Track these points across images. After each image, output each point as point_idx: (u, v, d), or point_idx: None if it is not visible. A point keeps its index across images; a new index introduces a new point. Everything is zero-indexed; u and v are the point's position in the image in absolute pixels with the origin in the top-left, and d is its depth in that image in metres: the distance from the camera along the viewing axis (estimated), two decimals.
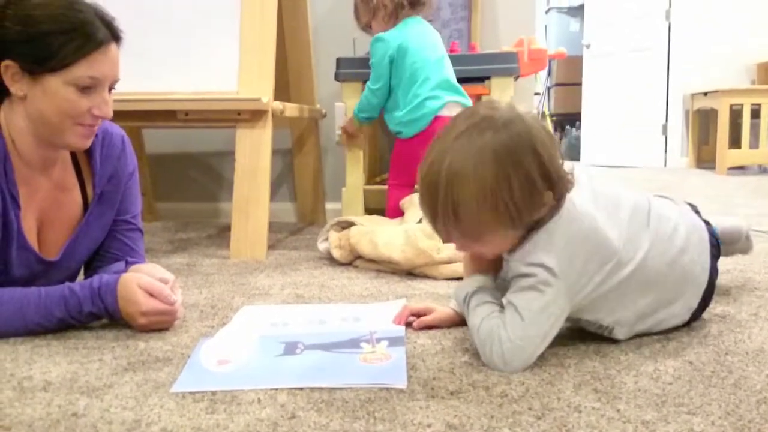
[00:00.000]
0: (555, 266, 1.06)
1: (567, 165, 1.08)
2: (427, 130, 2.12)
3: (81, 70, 1.23)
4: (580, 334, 1.20)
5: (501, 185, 1.01)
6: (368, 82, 2.25)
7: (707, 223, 1.28)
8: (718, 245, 1.27)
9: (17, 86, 1.24)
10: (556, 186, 1.05)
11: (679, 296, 1.20)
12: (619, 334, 1.17)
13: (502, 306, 1.13)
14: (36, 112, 1.25)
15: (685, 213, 1.27)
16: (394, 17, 2.21)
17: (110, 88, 1.30)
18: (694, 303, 1.22)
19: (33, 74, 1.23)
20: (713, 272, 1.23)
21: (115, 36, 1.28)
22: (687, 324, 1.25)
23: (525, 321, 1.06)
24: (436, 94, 2.16)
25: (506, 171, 1.01)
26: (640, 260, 1.12)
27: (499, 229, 1.06)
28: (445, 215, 1.04)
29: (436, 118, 2.13)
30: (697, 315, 1.25)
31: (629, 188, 1.28)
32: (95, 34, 1.23)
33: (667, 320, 1.20)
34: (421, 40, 2.19)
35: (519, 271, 1.09)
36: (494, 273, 1.20)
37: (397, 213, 2.16)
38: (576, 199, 1.09)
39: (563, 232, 1.07)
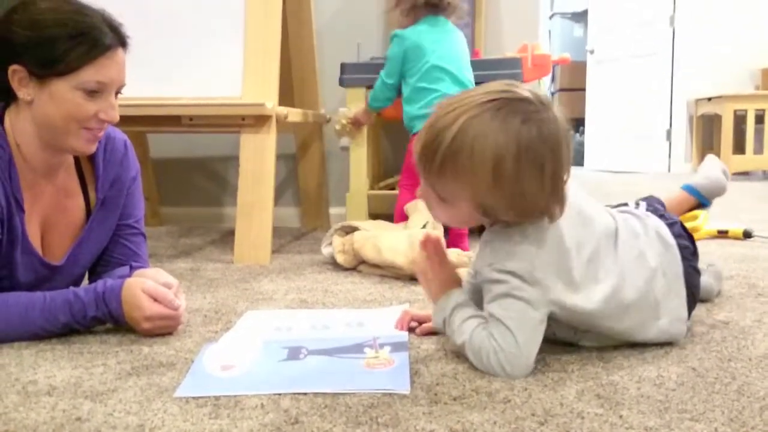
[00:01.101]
0: (525, 274, 1.05)
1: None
2: None
3: (88, 75, 1.24)
4: None
5: (507, 169, 0.99)
6: (383, 73, 2.26)
7: (674, 223, 1.26)
8: (691, 239, 1.25)
9: (24, 91, 1.25)
10: (551, 204, 1.03)
11: (661, 310, 1.16)
12: (593, 340, 1.16)
13: (483, 317, 1.12)
14: (42, 116, 1.26)
15: (650, 225, 1.23)
16: (413, 15, 2.22)
17: (116, 93, 1.31)
18: (684, 313, 1.20)
19: (40, 78, 1.23)
20: (689, 274, 1.21)
21: (121, 41, 1.29)
22: None
23: (510, 329, 1.05)
24: (451, 92, 2.17)
25: (519, 162, 0.99)
26: (609, 290, 1.10)
27: (469, 203, 1.05)
28: (442, 158, 1.03)
29: None
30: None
31: (628, 194, 1.27)
32: (102, 39, 1.24)
33: (659, 336, 1.17)
34: (438, 39, 2.18)
35: (489, 277, 1.08)
36: (458, 287, 1.20)
37: (404, 216, 2.16)
38: (563, 227, 1.07)
39: (538, 245, 1.05)
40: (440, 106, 1.06)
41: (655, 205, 1.34)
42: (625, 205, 1.35)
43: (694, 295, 1.24)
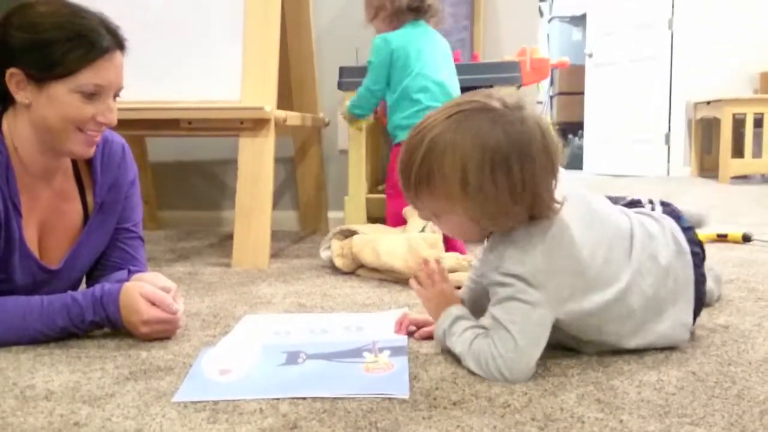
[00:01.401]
0: (530, 278, 1.04)
1: (559, 192, 1.05)
2: None
3: (86, 77, 1.23)
4: None
5: (472, 178, 1.00)
6: (366, 81, 2.20)
7: (689, 228, 1.24)
8: (701, 247, 1.23)
9: (22, 94, 1.25)
10: (532, 206, 1.03)
11: (665, 313, 1.16)
12: (593, 348, 1.16)
13: (484, 327, 1.13)
14: (40, 119, 1.26)
15: (667, 228, 1.21)
16: (395, 20, 2.18)
17: (115, 96, 1.31)
18: (689, 319, 1.19)
19: (38, 82, 1.23)
20: (698, 281, 1.20)
21: (119, 44, 1.29)
22: None
23: (512, 333, 1.05)
24: (436, 104, 2.15)
25: (483, 168, 0.99)
26: (621, 291, 1.10)
27: (458, 216, 1.06)
28: (416, 180, 1.05)
29: None
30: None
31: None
32: (100, 42, 1.24)
33: (659, 341, 1.17)
34: (423, 46, 2.16)
35: (494, 280, 1.08)
36: (458, 303, 1.21)
37: (397, 221, 2.15)
38: (567, 218, 1.07)
39: (543, 248, 1.05)
40: (413, 128, 1.08)
41: (672, 207, 1.31)
42: (639, 203, 1.33)
43: (702, 301, 1.22)
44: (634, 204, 1.32)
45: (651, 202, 1.33)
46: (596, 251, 1.09)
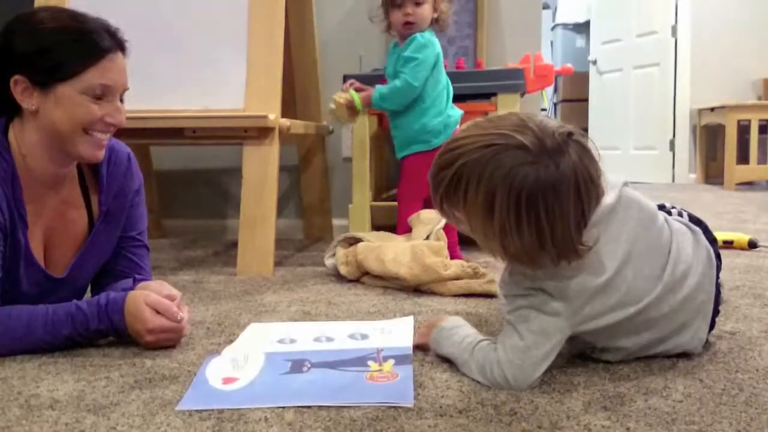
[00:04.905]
0: (554, 291, 1.04)
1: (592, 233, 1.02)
2: None
3: (92, 78, 1.25)
4: None
5: (497, 217, 0.98)
6: (407, 76, 2.07)
7: (714, 240, 1.21)
8: (720, 259, 1.21)
9: (29, 101, 1.25)
10: (559, 254, 1.00)
11: (686, 327, 1.14)
12: (610, 356, 1.15)
13: (481, 335, 1.13)
14: (49, 124, 1.26)
15: (702, 244, 1.18)
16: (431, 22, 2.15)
17: (120, 97, 1.31)
18: (704, 334, 1.17)
19: (43, 86, 1.24)
20: (717, 292, 1.18)
21: (120, 45, 1.30)
22: None
23: (525, 341, 1.05)
24: (449, 103, 2.17)
25: (509, 208, 0.97)
26: (645, 307, 1.08)
27: (480, 237, 1.05)
28: (441, 196, 1.05)
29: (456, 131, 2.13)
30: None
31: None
32: (101, 43, 1.26)
33: (673, 350, 1.16)
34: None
35: (515, 292, 1.08)
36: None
37: (408, 228, 2.15)
38: (602, 241, 1.04)
39: (569, 269, 1.03)
40: (448, 141, 1.06)
41: (698, 218, 1.26)
42: (663, 208, 1.27)
43: (717, 313, 1.20)
44: (660, 209, 1.24)
45: (674, 207, 1.28)
46: (627, 269, 1.07)
